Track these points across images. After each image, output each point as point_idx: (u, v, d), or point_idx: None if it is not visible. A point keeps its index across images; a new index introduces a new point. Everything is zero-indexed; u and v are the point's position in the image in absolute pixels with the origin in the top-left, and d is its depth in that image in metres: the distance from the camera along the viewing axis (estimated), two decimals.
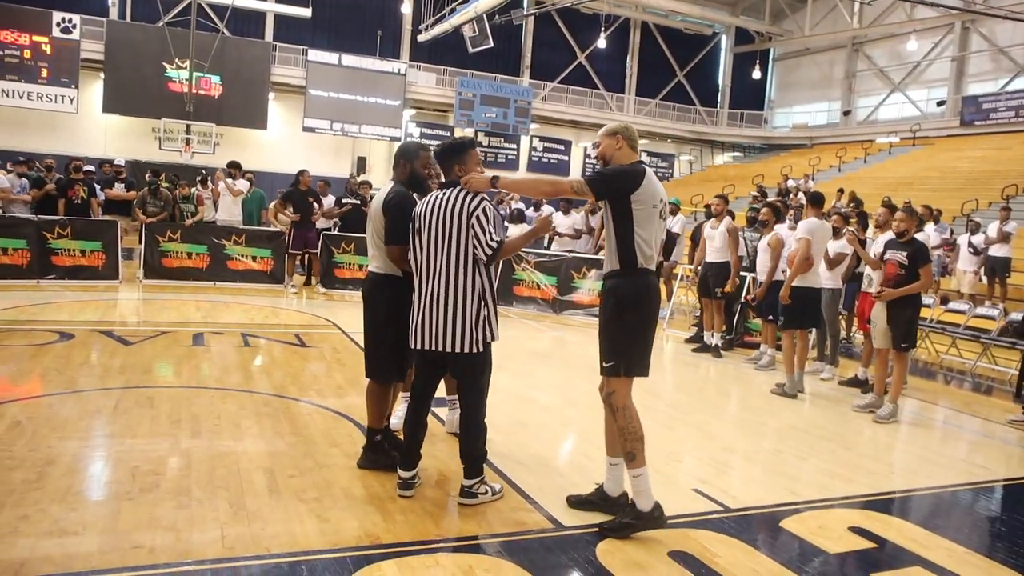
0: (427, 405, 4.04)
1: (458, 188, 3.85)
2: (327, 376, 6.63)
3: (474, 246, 3.76)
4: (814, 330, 8.34)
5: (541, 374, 7.23)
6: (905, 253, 6.63)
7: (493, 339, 3.86)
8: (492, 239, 3.77)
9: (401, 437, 4.14)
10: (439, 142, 4.08)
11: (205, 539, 3.35)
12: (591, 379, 3.93)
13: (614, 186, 3.70)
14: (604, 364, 3.79)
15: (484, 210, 3.78)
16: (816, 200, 7.64)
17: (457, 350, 3.78)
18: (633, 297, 3.69)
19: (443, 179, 4.01)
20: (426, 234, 3.85)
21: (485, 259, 3.78)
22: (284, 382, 6.31)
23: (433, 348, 3.81)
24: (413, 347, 3.89)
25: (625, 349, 3.74)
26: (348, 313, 10.25)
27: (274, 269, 12.41)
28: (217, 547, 3.28)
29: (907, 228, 6.70)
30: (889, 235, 7.46)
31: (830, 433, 6.10)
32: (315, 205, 12.24)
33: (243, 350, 7.47)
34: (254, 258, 12.31)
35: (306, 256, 12.60)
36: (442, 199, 3.84)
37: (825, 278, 8.11)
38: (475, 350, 3.78)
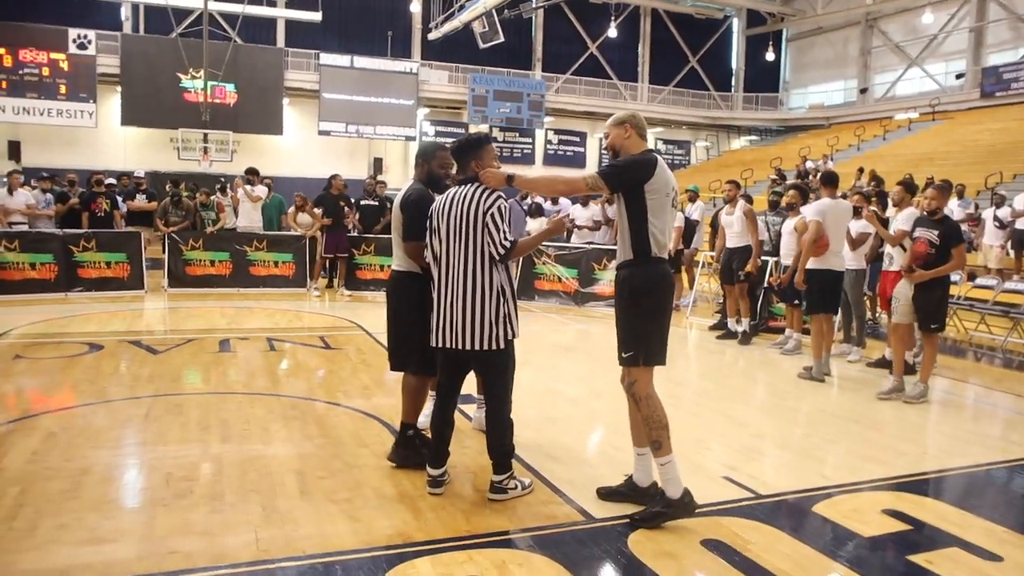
0: (453, 403, 4.04)
1: (475, 184, 3.84)
2: (353, 377, 6.66)
3: (488, 244, 3.76)
4: (839, 312, 8.25)
5: (565, 367, 7.23)
6: (937, 232, 6.47)
7: (514, 336, 3.86)
8: (505, 238, 3.77)
9: (429, 436, 4.15)
10: (455, 139, 4.06)
11: (239, 542, 3.38)
12: (616, 370, 3.92)
13: (626, 177, 3.68)
14: (623, 355, 3.78)
15: (499, 208, 3.77)
16: (829, 180, 7.52)
17: (477, 347, 3.78)
18: (647, 286, 3.70)
19: (462, 176, 3.99)
20: (444, 231, 3.85)
21: (498, 257, 3.78)
22: (310, 385, 6.34)
23: (454, 346, 3.81)
24: (434, 345, 3.89)
25: (643, 338, 3.73)
26: (371, 314, 10.29)
27: (296, 273, 12.48)
28: (251, 550, 3.31)
29: (939, 206, 6.57)
30: (910, 212, 7.37)
31: (859, 415, 6.04)
32: (346, 209, 12.29)
33: (269, 354, 7.52)
34: (276, 263, 12.39)
35: (332, 260, 12.62)
36: (459, 196, 3.84)
37: (849, 259, 8.01)
38: (496, 347, 3.78)
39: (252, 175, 13.04)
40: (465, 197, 3.81)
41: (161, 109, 25.45)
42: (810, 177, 21.81)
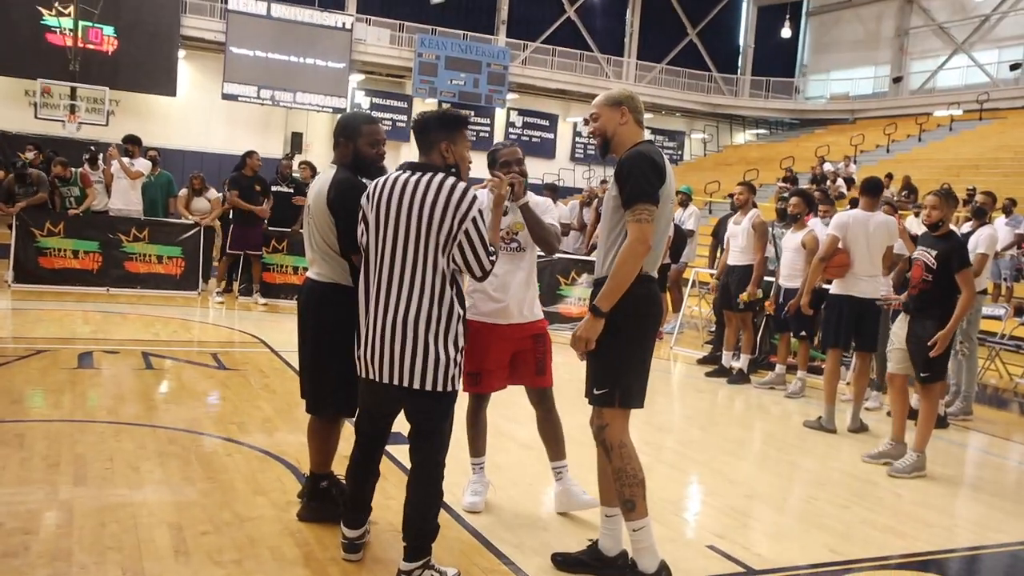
0: (378, 450, 3.98)
1: (435, 174, 3.64)
2: (252, 406, 6.59)
3: (460, 259, 3.59)
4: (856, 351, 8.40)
5: (521, 403, 7.22)
6: (935, 252, 6.22)
7: (459, 377, 3.72)
8: (490, 255, 3.66)
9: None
10: (419, 116, 3.88)
11: None
12: (582, 408, 3.93)
13: (657, 184, 3.69)
14: (594, 391, 3.79)
15: (480, 213, 3.62)
16: (870, 189, 7.57)
17: (416, 386, 3.62)
18: (631, 309, 3.70)
19: (424, 158, 3.78)
20: (381, 226, 3.67)
21: (479, 277, 3.70)
22: (196, 414, 6.26)
23: (381, 380, 3.67)
24: (362, 376, 3.79)
25: (620, 373, 3.74)
26: (279, 327, 10.20)
27: (185, 272, 12.33)
28: None
29: (941, 218, 6.29)
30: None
31: (876, 476, 6.15)
32: (264, 197, 12.17)
33: (144, 374, 7.42)
34: (159, 258, 12.23)
35: (238, 259, 12.45)
36: (409, 185, 3.63)
37: (882, 284, 8.20)
38: (439, 388, 3.62)
39: (132, 144, 12.84)
40: (420, 188, 3.60)
41: (14, 52, 24.92)
42: (827, 183, 22.28)
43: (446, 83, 30.45)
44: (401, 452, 5.33)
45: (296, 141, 29.61)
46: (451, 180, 3.62)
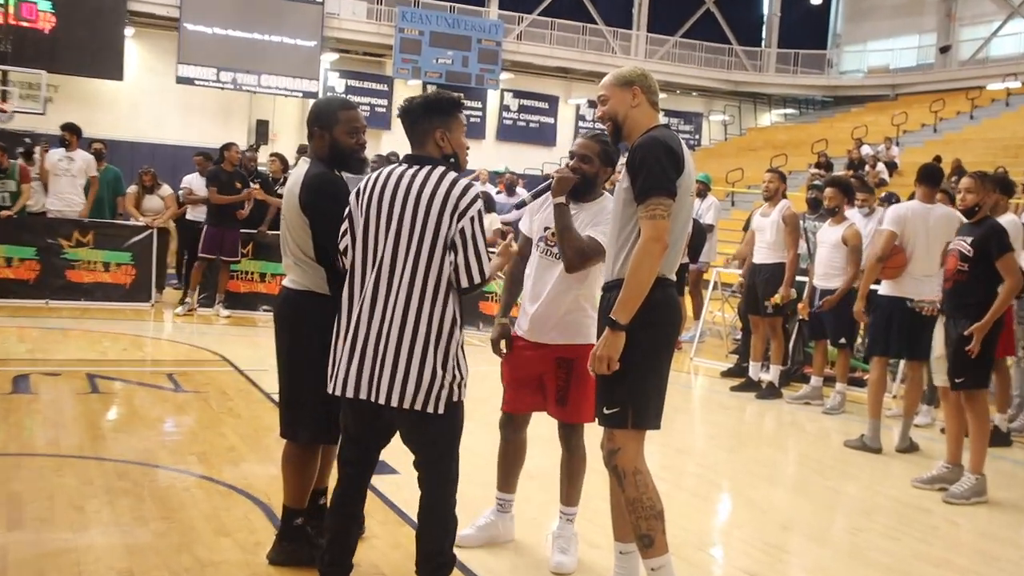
0: (363, 484, 3.93)
1: (433, 168, 3.67)
2: (214, 433, 6.56)
3: (457, 264, 3.61)
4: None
5: (534, 425, 7.19)
6: (970, 239, 6.21)
7: (463, 393, 3.73)
8: (485, 262, 3.64)
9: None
10: (406, 102, 3.85)
11: None
12: (591, 428, 3.92)
13: (674, 174, 3.68)
14: (604, 411, 3.78)
15: (480, 212, 3.64)
16: (927, 177, 7.50)
17: (418, 407, 3.61)
18: (646, 316, 3.68)
19: (417, 151, 3.81)
20: (373, 228, 3.69)
21: (464, 287, 3.64)
22: (150, 444, 6.24)
23: (370, 399, 3.65)
24: (334, 392, 3.77)
25: (635, 389, 3.73)
26: (245, 342, 10.16)
27: (137, 281, 12.29)
28: None
29: (977, 202, 6.28)
30: (1008, 220, 7.50)
31: (931, 502, 6.13)
32: (253, 189, 12.07)
33: (89, 399, 7.39)
34: (107, 265, 12.18)
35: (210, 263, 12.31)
36: (403, 179, 3.67)
37: (938, 286, 8.19)
38: (438, 408, 3.63)
39: (69, 133, 12.75)
40: (416, 183, 3.64)
41: None
42: (866, 168, 22.30)
43: (431, 62, 30.47)
44: (385, 483, 5.32)
45: (262, 130, 29.57)
46: (451, 174, 3.67)
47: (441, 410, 3.63)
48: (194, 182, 12.65)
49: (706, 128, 36.98)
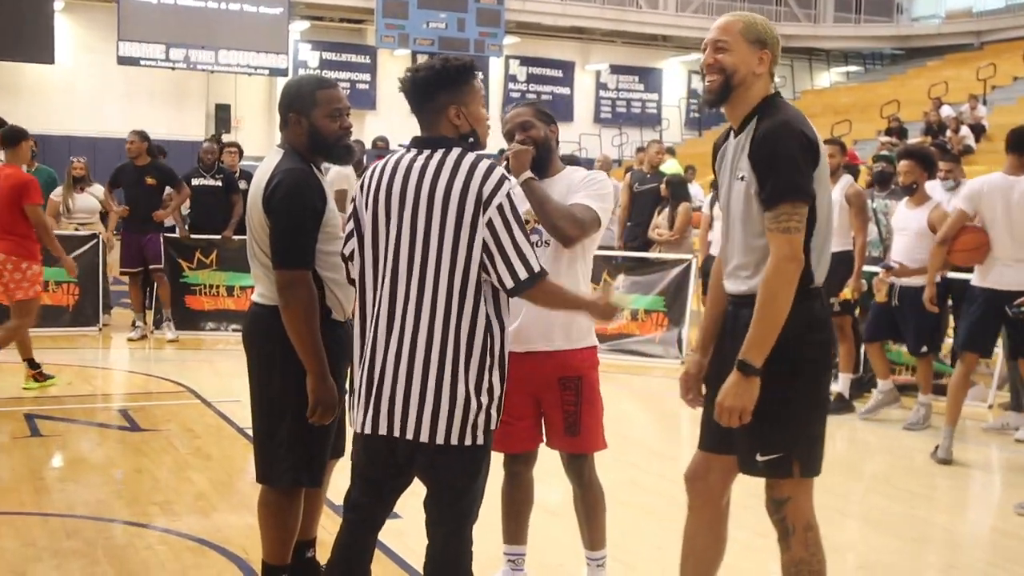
0: (372, 535, 3.91)
1: (451, 149, 3.62)
2: (179, 478, 6.58)
3: (490, 263, 3.54)
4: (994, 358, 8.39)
5: (551, 453, 7.22)
6: None
7: (497, 420, 3.70)
8: (529, 254, 3.57)
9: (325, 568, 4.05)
10: (409, 72, 3.76)
11: None
12: (628, 456, 3.93)
13: (811, 171, 3.63)
14: (758, 457, 3.72)
15: (510, 196, 3.57)
16: (1019, 142, 7.49)
17: (439, 440, 3.55)
18: (809, 341, 3.66)
19: (425, 133, 3.75)
20: (383, 227, 3.63)
21: (511, 288, 3.57)
22: (103, 494, 6.24)
23: (393, 434, 3.59)
24: (358, 431, 3.70)
25: (798, 431, 3.70)
26: (210, 369, 10.20)
27: (81, 301, 12.33)
28: None
29: None
30: None
31: None
32: (160, 190, 12.12)
33: (29, 443, 7.40)
34: (45, 284, 12.18)
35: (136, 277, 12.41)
36: (416, 165, 3.61)
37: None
38: (470, 441, 3.57)
39: None
40: (430, 170, 3.59)
41: None
42: (948, 133, 22.21)
43: (421, 27, 30.38)
44: (386, 530, 5.34)
45: (222, 116, 29.60)
46: (471, 156, 3.61)
47: (472, 440, 3.57)
48: None
49: None
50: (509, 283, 3.52)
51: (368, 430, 3.60)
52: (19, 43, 26.66)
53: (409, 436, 3.55)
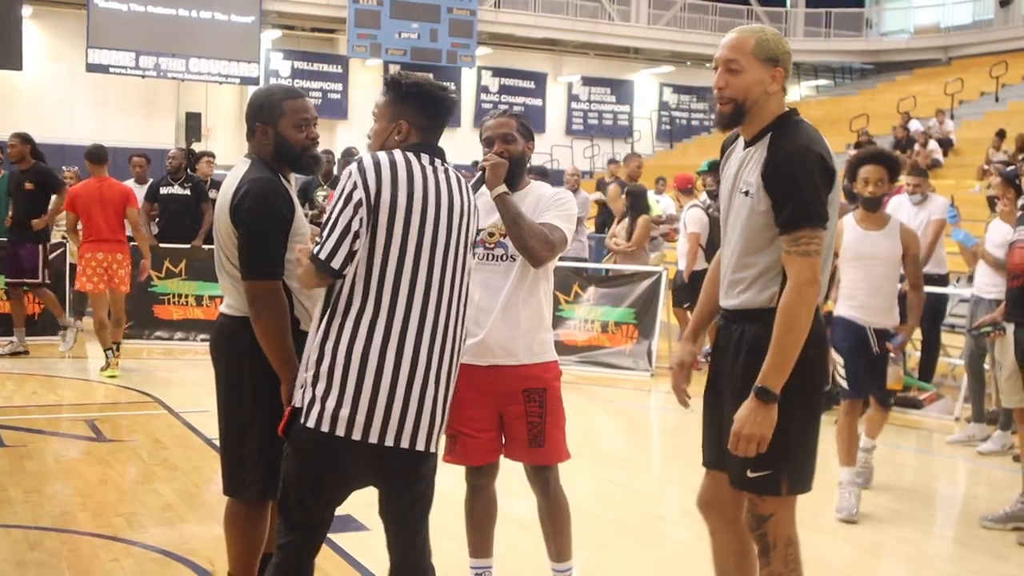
0: (313, 556, 3.79)
1: (447, 167, 3.69)
2: (145, 490, 6.57)
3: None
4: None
5: (517, 468, 7.21)
6: None
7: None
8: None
9: None
10: (392, 76, 3.76)
11: None
12: (598, 468, 3.94)
13: (827, 195, 3.62)
14: (748, 474, 3.71)
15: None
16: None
17: (420, 447, 3.58)
18: (808, 354, 3.64)
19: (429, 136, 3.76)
20: (417, 227, 3.55)
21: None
22: (68, 505, 6.22)
23: (400, 445, 3.55)
24: (357, 439, 3.55)
25: (788, 448, 3.68)
26: (178, 379, 10.19)
27: (46, 310, 12.26)
28: None
29: None
30: None
31: (1002, 545, 6.10)
32: (41, 195, 11.71)
33: None
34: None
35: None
36: (438, 174, 3.65)
37: (986, 284, 8.23)
38: (433, 448, 3.64)
39: None
40: (447, 178, 3.67)
41: None
42: (916, 147, 22.38)
43: (393, 37, 30.35)
44: (352, 542, 5.33)
45: (192, 125, 29.39)
46: (452, 170, 3.72)
47: (436, 445, 3.65)
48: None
49: None
50: None
51: (377, 439, 3.51)
52: None
53: (419, 446, 3.56)
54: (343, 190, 3.48)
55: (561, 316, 11.82)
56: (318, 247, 3.45)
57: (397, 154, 3.58)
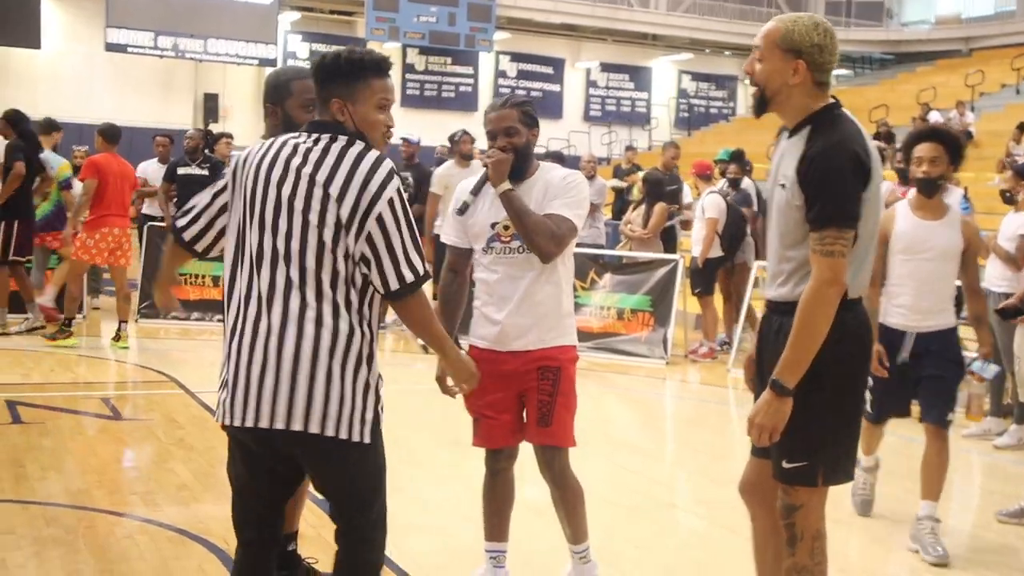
0: (271, 548, 3.80)
1: (337, 137, 3.47)
2: (161, 469, 6.57)
3: (374, 262, 3.39)
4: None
5: (529, 451, 7.21)
6: None
7: (381, 414, 3.55)
8: (412, 263, 3.41)
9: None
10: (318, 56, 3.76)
11: None
12: (612, 455, 3.93)
13: (858, 194, 3.57)
14: (784, 465, 3.73)
15: (399, 191, 3.43)
16: None
17: (329, 432, 3.38)
18: (836, 350, 3.61)
19: (317, 115, 3.65)
20: (259, 209, 3.46)
21: (387, 292, 3.42)
22: (84, 483, 6.23)
23: (259, 425, 3.41)
24: (222, 423, 3.57)
25: (825, 439, 3.68)
26: (195, 358, 10.16)
27: (66, 287, 12.25)
28: None
29: None
30: None
31: (1016, 538, 6.10)
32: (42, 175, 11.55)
33: (9, 431, 7.40)
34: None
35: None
36: (299, 150, 3.47)
37: (997, 278, 8.20)
38: (356, 436, 3.42)
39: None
40: (312, 157, 3.44)
41: None
42: None
43: (411, 21, 30.32)
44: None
45: (210, 106, 29.49)
46: (358, 146, 3.45)
47: (359, 436, 3.44)
48: (149, 170, 12.75)
49: (742, 94, 36.94)
50: (383, 287, 3.40)
51: (236, 421, 3.46)
52: (5, 27, 26.56)
53: (281, 425, 3.40)
54: None
55: (577, 303, 11.72)
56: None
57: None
